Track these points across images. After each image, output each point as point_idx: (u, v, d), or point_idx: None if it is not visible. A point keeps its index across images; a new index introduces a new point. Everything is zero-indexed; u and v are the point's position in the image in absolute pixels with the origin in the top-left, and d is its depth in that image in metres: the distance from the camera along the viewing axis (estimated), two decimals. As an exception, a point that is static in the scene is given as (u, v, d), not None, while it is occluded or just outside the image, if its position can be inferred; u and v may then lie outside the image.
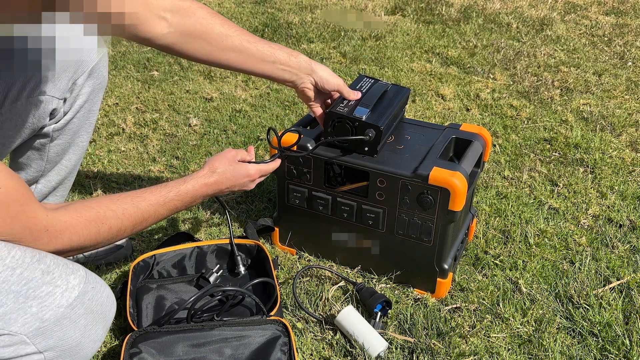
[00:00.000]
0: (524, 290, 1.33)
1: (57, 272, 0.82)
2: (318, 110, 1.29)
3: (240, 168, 1.16)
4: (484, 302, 1.29)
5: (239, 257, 1.33)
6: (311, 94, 1.25)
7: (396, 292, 1.33)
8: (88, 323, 0.84)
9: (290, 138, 1.26)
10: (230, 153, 1.17)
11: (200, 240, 1.38)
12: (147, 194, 1.01)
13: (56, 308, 0.80)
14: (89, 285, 0.85)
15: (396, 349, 1.18)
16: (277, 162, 1.24)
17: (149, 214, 1.01)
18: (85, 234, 0.90)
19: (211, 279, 1.29)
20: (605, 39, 2.99)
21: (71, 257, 1.07)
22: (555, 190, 1.71)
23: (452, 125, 1.37)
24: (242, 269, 1.33)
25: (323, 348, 1.18)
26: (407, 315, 1.25)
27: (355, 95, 1.27)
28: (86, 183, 1.73)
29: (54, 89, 1.14)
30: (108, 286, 0.91)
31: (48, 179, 1.32)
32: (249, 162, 1.18)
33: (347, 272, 1.39)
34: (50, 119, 1.20)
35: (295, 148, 1.26)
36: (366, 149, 1.24)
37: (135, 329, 1.12)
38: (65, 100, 1.19)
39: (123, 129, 2.03)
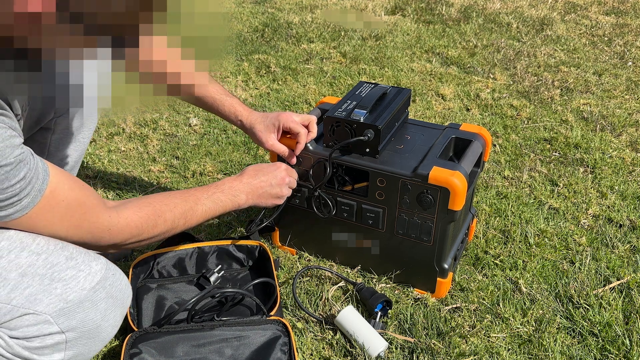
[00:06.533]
0: (524, 290, 1.33)
1: (80, 258, 0.87)
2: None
3: (271, 164, 1.24)
4: (484, 302, 1.29)
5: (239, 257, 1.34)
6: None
7: (396, 292, 1.33)
8: (108, 307, 0.89)
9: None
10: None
11: (201, 241, 1.38)
12: (192, 190, 1.11)
13: (80, 290, 0.85)
14: (110, 271, 0.90)
15: (396, 348, 1.18)
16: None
17: (195, 203, 1.08)
18: (145, 227, 0.97)
19: (212, 279, 1.29)
20: (605, 38, 2.99)
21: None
22: (555, 190, 1.71)
23: (452, 125, 1.37)
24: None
25: (323, 348, 1.18)
26: (407, 315, 1.25)
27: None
28: (86, 183, 1.72)
29: None
30: (126, 276, 0.95)
31: None
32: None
33: (347, 272, 1.39)
34: (55, 113, 1.21)
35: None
36: (367, 150, 1.24)
37: (136, 329, 1.12)
38: None
39: (123, 129, 2.03)
